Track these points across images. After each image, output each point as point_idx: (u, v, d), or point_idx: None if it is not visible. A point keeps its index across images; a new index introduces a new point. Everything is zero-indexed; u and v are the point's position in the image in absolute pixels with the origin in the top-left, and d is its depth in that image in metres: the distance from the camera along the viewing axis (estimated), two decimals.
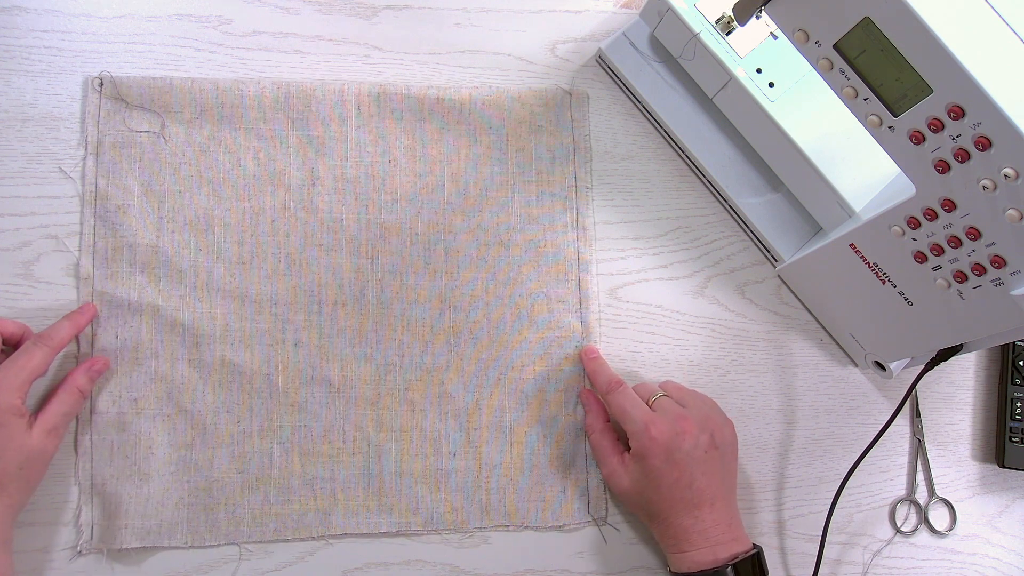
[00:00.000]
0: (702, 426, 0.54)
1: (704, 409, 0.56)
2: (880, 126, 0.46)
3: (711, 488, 0.53)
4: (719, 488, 0.54)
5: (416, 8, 0.63)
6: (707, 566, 0.52)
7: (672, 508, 0.53)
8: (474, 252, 0.60)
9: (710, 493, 0.53)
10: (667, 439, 0.53)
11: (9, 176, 0.56)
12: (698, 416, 0.54)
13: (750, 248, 0.64)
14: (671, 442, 0.53)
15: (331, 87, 0.60)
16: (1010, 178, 0.41)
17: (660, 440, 0.53)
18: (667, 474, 0.53)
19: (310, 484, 0.56)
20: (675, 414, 0.54)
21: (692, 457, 0.53)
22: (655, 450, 0.53)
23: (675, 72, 0.62)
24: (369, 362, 0.58)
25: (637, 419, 0.54)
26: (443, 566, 0.57)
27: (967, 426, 0.65)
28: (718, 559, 0.52)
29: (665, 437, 0.53)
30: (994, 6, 0.41)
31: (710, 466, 0.54)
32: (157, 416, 0.55)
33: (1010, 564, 0.64)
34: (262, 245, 0.58)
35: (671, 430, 0.53)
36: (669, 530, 0.54)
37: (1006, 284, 0.46)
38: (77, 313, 0.54)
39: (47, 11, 0.59)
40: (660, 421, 0.53)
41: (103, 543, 0.53)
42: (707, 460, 0.53)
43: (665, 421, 0.53)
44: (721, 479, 0.54)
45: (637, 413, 0.54)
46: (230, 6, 0.61)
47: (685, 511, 0.53)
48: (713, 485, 0.54)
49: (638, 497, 0.55)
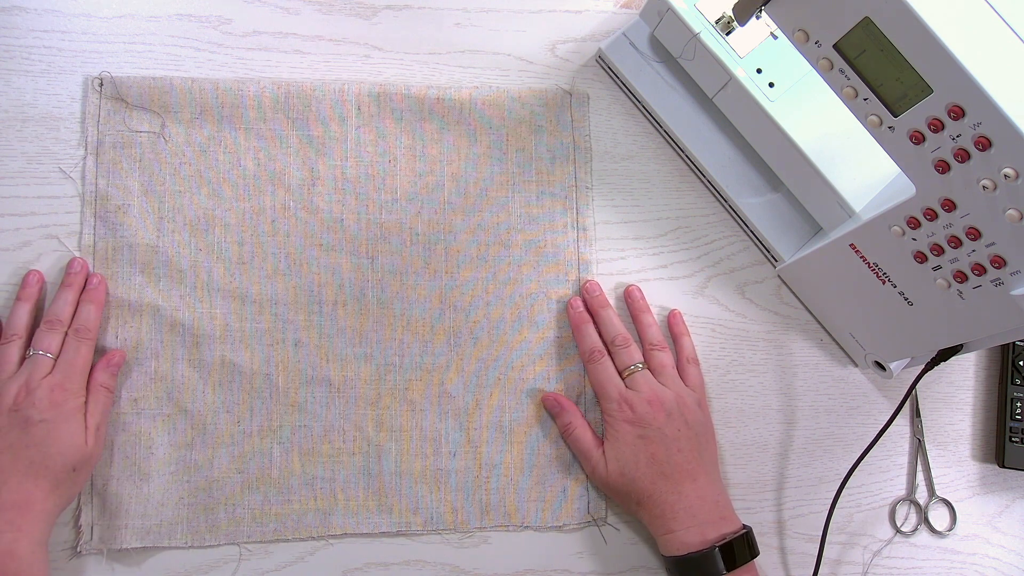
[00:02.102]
0: (673, 404, 0.55)
1: (677, 387, 0.57)
2: (880, 126, 0.46)
3: (689, 464, 0.55)
4: (698, 464, 0.55)
5: (416, 8, 0.63)
6: (695, 548, 0.52)
7: (654, 485, 0.54)
8: (474, 252, 0.60)
9: (689, 469, 0.54)
10: (636, 417, 0.55)
11: (9, 176, 0.56)
12: (670, 395, 0.56)
13: (750, 248, 0.64)
14: (642, 419, 0.55)
15: (331, 87, 0.60)
16: (1010, 178, 0.41)
17: (630, 418, 0.55)
18: (643, 450, 0.54)
19: (310, 484, 0.56)
20: (648, 392, 0.56)
21: (664, 434, 0.55)
22: (625, 427, 0.55)
23: (675, 72, 0.62)
24: (369, 362, 0.58)
25: (611, 396, 0.56)
26: (443, 566, 0.57)
27: (967, 426, 0.65)
28: (706, 539, 0.53)
29: (635, 415, 0.55)
30: (994, 6, 0.41)
31: (684, 443, 0.55)
32: (157, 416, 0.55)
33: (1010, 564, 0.64)
34: (262, 245, 0.58)
35: (641, 408, 0.55)
36: (655, 509, 0.54)
37: (1006, 284, 0.46)
38: (92, 291, 0.54)
39: (47, 11, 0.59)
40: (632, 398, 0.55)
41: (103, 543, 0.53)
42: (680, 438, 0.55)
43: (637, 399, 0.55)
44: (698, 455, 0.55)
45: (611, 389, 0.56)
46: (230, 6, 0.61)
47: (667, 487, 0.54)
48: (691, 461, 0.55)
49: (621, 480, 0.55)
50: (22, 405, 0.49)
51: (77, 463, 0.50)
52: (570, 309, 0.60)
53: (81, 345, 0.53)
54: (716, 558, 0.52)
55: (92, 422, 0.52)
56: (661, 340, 0.60)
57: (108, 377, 0.54)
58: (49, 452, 0.49)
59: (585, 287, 0.60)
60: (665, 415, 0.55)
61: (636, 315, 0.60)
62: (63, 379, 0.51)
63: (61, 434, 0.50)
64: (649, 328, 0.60)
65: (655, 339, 0.59)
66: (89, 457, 0.51)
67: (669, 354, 0.59)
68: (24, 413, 0.49)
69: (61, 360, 0.52)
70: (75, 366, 0.52)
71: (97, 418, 0.52)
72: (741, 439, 0.62)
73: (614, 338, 0.58)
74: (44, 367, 0.51)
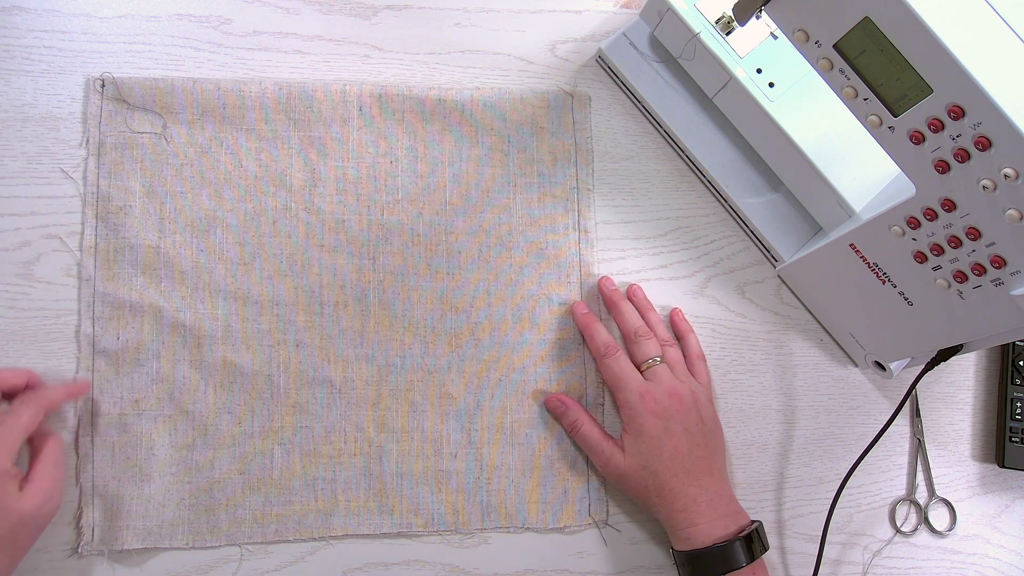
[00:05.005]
0: (690, 399, 0.56)
1: (690, 383, 0.57)
2: (880, 126, 0.46)
3: (707, 458, 0.55)
4: (713, 460, 0.56)
5: (416, 8, 0.63)
6: (719, 540, 0.53)
7: (677, 478, 0.54)
8: (476, 253, 0.60)
9: (707, 463, 0.55)
10: (660, 409, 0.55)
11: (9, 176, 0.56)
12: (686, 389, 0.56)
13: (750, 248, 0.64)
14: (664, 411, 0.54)
15: (333, 88, 0.60)
16: (1010, 178, 0.41)
17: (654, 410, 0.54)
18: (666, 443, 0.54)
19: (311, 485, 0.56)
20: (668, 385, 0.56)
21: (685, 427, 0.55)
22: (650, 419, 0.54)
23: (675, 72, 0.62)
24: (370, 363, 0.58)
25: (632, 388, 0.56)
26: (443, 566, 0.57)
27: (967, 426, 0.66)
28: (729, 531, 0.53)
29: (659, 407, 0.55)
30: (994, 6, 0.41)
31: (701, 438, 0.55)
32: (158, 417, 0.55)
33: (1010, 564, 0.64)
34: (264, 246, 0.58)
35: (664, 400, 0.55)
36: (678, 503, 0.54)
37: (1006, 284, 0.46)
38: (73, 384, 0.54)
39: (47, 11, 0.59)
40: (654, 390, 0.55)
41: (104, 544, 0.53)
42: (697, 432, 0.55)
43: (659, 391, 0.55)
44: (712, 451, 0.56)
45: (632, 381, 0.56)
46: (230, 6, 0.61)
47: (690, 480, 0.54)
48: (707, 456, 0.55)
49: (642, 473, 0.55)
50: None
51: (10, 528, 0.46)
52: (576, 313, 0.60)
53: (24, 408, 0.49)
54: (738, 550, 0.52)
55: (37, 478, 0.48)
56: (669, 337, 0.60)
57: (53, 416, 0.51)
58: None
59: (602, 281, 0.61)
60: (684, 409, 0.55)
61: (641, 313, 0.60)
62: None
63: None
64: (656, 326, 0.60)
65: (663, 336, 0.60)
66: (26, 518, 0.47)
67: (678, 350, 0.60)
68: None
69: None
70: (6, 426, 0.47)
71: (44, 472, 0.49)
72: (741, 439, 0.62)
73: (637, 329, 0.58)
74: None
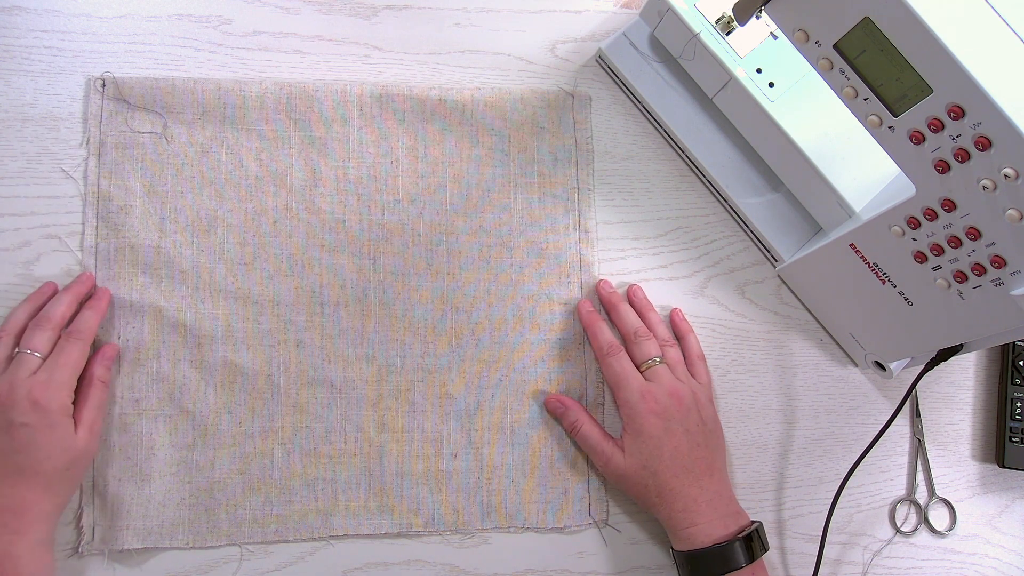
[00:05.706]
0: (690, 399, 0.56)
1: (690, 383, 0.57)
2: (880, 126, 0.46)
3: (707, 459, 0.55)
4: (713, 460, 0.56)
5: (416, 8, 0.63)
6: (719, 540, 0.53)
7: (677, 478, 0.54)
8: (476, 253, 0.60)
9: (707, 463, 0.55)
10: (661, 409, 0.55)
11: (9, 176, 0.56)
12: (687, 389, 0.56)
13: (750, 248, 0.64)
14: (665, 412, 0.55)
15: (333, 87, 0.60)
16: (1010, 178, 0.41)
17: (655, 409, 0.55)
18: (667, 443, 0.54)
19: (311, 485, 0.56)
20: (668, 385, 0.56)
21: (685, 427, 0.55)
22: (651, 419, 0.54)
23: (675, 72, 0.62)
24: (371, 363, 0.58)
25: (632, 387, 0.56)
26: (443, 566, 0.57)
27: (967, 426, 0.66)
28: (729, 531, 0.53)
29: (659, 407, 0.55)
30: (994, 6, 0.41)
31: (701, 438, 0.55)
32: (159, 417, 0.55)
33: (1010, 564, 0.64)
34: (264, 246, 0.58)
35: (665, 400, 0.55)
36: (678, 503, 0.54)
37: (1006, 284, 0.46)
38: (94, 299, 0.54)
39: (47, 11, 0.59)
40: (655, 390, 0.55)
41: (104, 544, 0.53)
42: (697, 432, 0.55)
43: (660, 391, 0.55)
44: (712, 451, 0.56)
45: (632, 381, 0.56)
46: (230, 6, 0.61)
47: (690, 480, 0.54)
48: (708, 456, 0.55)
49: (642, 473, 0.55)
50: (5, 406, 0.48)
51: (68, 463, 0.49)
52: (581, 311, 0.60)
53: (71, 345, 0.51)
54: (738, 550, 0.52)
55: (86, 417, 0.51)
56: (669, 337, 0.60)
57: (104, 370, 0.53)
58: (36, 456, 0.48)
59: (600, 284, 0.61)
60: (684, 409, 0.55)
61: (641, 313, 0.60)
62: (47, 378, 0.49)
63: (46, 437, 0.48)
64: (656, 326, 0.60)
65: (663, 336, 0.60)
66: (81, 455, 0.50)
67: (678, 350, 0.60)
68: (7, 416, 0.48)
69: (49, 360, 0.50)
70: (62, 365, 0.50)
71: (91, 413, 0.51)
72: (741, 439, 0.62)
73: (636, 330, 0.58)
74: (29, 366, 0.50)
